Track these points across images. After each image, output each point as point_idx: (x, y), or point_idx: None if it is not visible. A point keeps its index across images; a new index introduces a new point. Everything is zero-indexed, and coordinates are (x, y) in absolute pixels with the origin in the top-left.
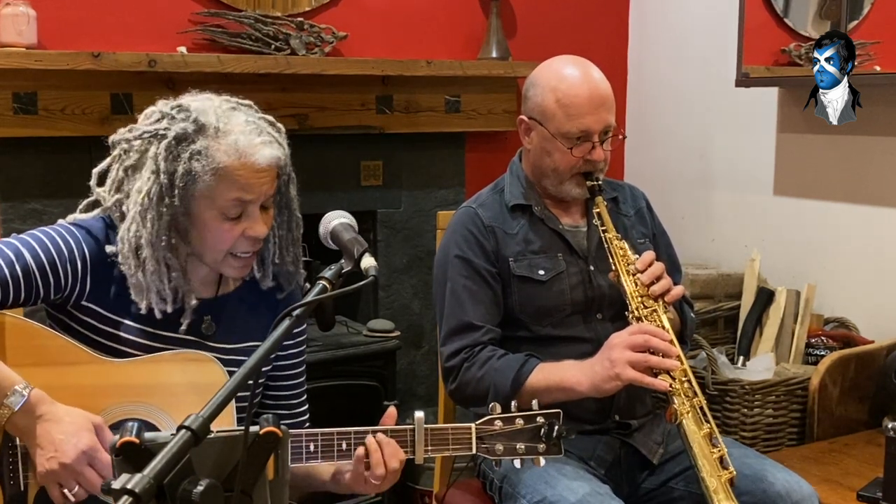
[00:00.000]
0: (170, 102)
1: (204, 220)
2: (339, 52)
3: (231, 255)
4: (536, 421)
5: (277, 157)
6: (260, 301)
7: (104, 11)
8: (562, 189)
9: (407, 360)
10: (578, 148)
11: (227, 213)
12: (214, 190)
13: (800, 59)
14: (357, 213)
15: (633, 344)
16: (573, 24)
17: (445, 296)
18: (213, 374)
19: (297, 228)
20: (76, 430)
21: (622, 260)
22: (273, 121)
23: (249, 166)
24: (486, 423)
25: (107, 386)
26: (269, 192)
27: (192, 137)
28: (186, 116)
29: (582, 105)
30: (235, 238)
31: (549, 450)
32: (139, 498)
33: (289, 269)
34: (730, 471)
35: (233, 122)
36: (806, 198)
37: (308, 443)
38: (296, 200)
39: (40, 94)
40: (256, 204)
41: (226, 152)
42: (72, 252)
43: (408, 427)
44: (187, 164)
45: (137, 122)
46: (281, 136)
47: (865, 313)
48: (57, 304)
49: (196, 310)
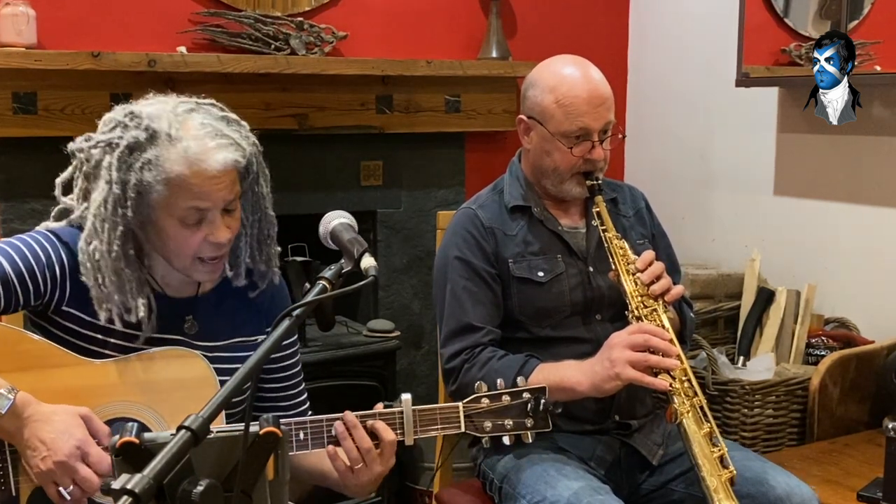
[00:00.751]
0: (126, 108)
1: (164, 228)
2: (339, 52)
3: (199, 259)
4: (523, 397)
5: (233, 160)
6: (237, 299)
7: (104, 11)
8: (562, 189)
9: (407, 361)
10: (578, 147)
11: (186, 220)
12: (168, 199)
13: (800, 58)
14: (357, 213)
15: (632, 343)
16: (573, 24)
17: (445, 297)
18: (199, 369)
19: (270, 227)
20: (65, 428)
21: (622, 259)
22: (236, 119)
23: (202, 174)
24: (473, 401)
25: (93, 386)
26: (227, 198)
27: (144, 146)
28: (138, 124)
29: (581, 104)
30: (198, 244)
31: (538, 424)
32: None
33: (261, 268)
34: (730, 470)
35: (186, 126)
36: (806, 198)
37: (297, 431)
38: (267, 199)
39: (40, 94)
40: (216, 210)
41: (176, 161)
42: (49, 258)
43: (396, 409)
44: (139, 174)
45: (96, 130)
46: (242, 135)
47: (866, 313)
48: (38, 311)
49: (177, 310)
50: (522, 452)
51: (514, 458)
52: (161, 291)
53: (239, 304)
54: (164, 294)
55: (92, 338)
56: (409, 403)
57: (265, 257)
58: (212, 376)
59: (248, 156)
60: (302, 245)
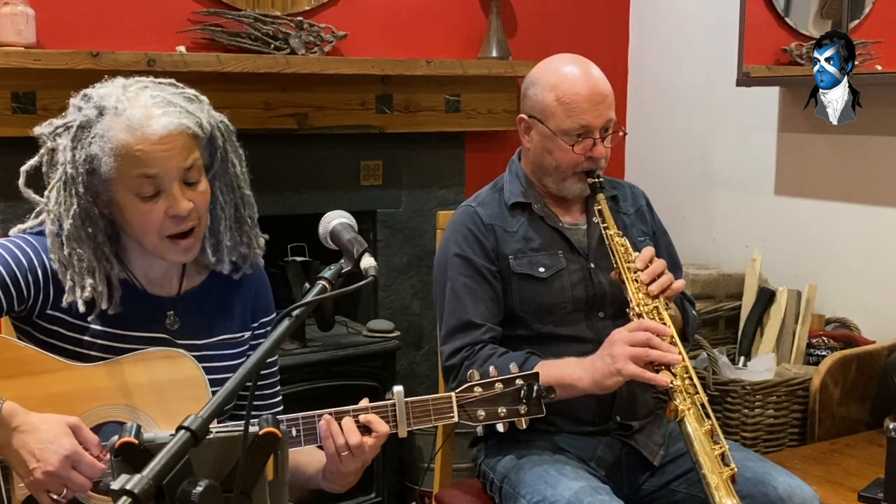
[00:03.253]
0: (82, 91)
1: (123, 204)
2: (339, 52)
3: (168, 239)
4: (515, 384)
5: (177, 123)
6: (222, 297)
7: (103, 11)
8: (563, 187)
9: (407, 361)
10: (580, 145)
11: (141, 192)
12: (119, 171)
13: (801, 58)
14: (357, 212)
15: (634, 340)
16: (574, 23)
17: (445, 295)
18: (187, 369)
19: (249, 207)
20: (54, 438)
21: (623, 257)
22: (195, 95)
23: (146, 139)
24: (465, 390)
25: (82, 391)
26: (180, 165)
27: (94, 122)
28: (89, 103)
29: (582, 102)
30: (160, 219)
31: (531, 410)
32: (138, 499)
33: (242, 250)
34: (731, 467)
35: (134, 100)
36: (807, 198)
37: (290, 428)
38: (242, 178)
39: (39, 93)
40: (171, 179)
41: (120, 129)
42: (31, 262)
43: (388, 402)
44: (87, 149)
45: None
46: (197, 105)
47: (867, 313)
48: (22, 316)
49: (160, 306)
50: (523, 453)
51: (515, 458)
52: (143, 289)
53: (223, 303)
54: (145, 291)
55: (77, 340)
56: (402, 395)
57: (246, 239)
58: (201, 376)
59: (208, 128)
60: (302, 245)
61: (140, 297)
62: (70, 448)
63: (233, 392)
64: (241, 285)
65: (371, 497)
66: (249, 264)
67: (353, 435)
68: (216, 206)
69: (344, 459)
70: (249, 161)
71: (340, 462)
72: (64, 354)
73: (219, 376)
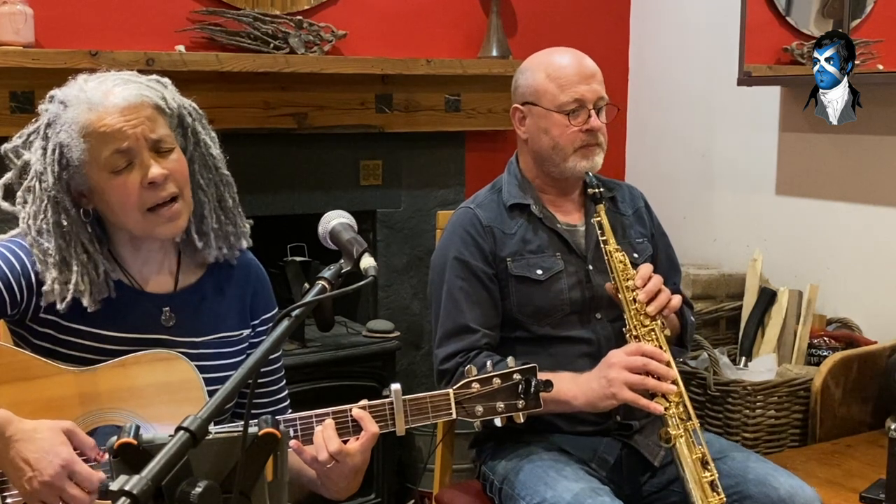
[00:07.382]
0: (47, 96)
1: (99, 185)
2: (339, 51)
3: (149, 212)
4: (513, 378)
5: (136, 94)
6: (218, 295)
7: (102, 10)
8: (565, 168)
9: (407, 361)
10: (575, 118)
11: (115, 167)
12: (90, 152)
13: (802, 57)
14: (356, 212)
15: (631, 365)
16: (574, 22)
17: (442, 297)
18: (182, 371)
19: (229, 188)
20: (50, 447)
21: (621, 274)
22: (157, 79)
23: (109, 112)
24: (463, 386)
25: (76, 395)
26: (147, 134)
27: (60, 115)
28: (53, 101)
29: (572, 76)
30: (137, 191)
31: (529, 405)
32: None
33: (228, 230)
34: (720, 497)
35: (96, 86)
36: (808, 197)
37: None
38: (218, 158)
39: (37, 93)
40: (140, 148)
41: (83, 111)
42: (23, 265)
43: (386, 400)
44: (56, 138)
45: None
46: (159, 85)
47: (868, 314)
48: (16, 320)
49: (155, 303)
50: (523, 454)
51: (515, 459)
52: (138, 287)
53: (220, 300)
54: (141, 290)
55: (70, 342)
56: (400, 393)
57: (231, 217)
58: (196, 378)
59: (174, 105)
60: (301, 245)
61: (135, 297)
62: (66, 457)
63: (233, 392)
64: (239, 282)
65: (371, 498)
66: (237, 249)
67: (332, 442)
68: (197, 190)
69: (331, 469)
70: (249, 161)
71: (329, 471)
72: (59, 357)
73: (217, 374)
